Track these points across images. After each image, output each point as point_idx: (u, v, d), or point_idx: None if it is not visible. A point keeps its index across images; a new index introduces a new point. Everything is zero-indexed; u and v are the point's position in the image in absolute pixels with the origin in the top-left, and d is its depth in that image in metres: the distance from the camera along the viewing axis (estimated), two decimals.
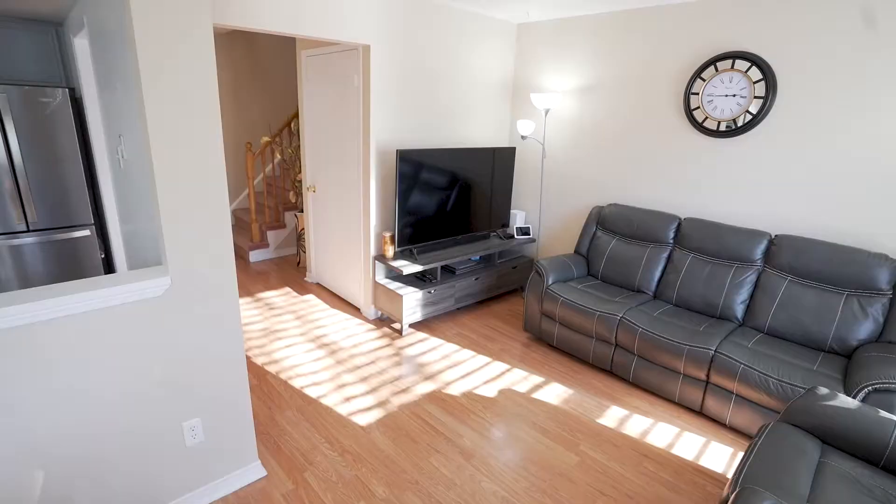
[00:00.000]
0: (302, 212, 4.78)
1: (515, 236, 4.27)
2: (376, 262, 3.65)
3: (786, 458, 1.71)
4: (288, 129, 5.19)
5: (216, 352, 1.89)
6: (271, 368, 3.03)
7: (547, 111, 4.03)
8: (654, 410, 2.77)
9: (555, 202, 4.28)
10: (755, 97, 2.99)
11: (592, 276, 3.60)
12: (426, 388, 2.89)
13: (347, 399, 2.75)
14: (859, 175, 2.73)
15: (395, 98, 3.48)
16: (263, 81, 5.88)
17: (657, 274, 3.29)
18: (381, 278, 3.71)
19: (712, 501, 2.14)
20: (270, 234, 5.10)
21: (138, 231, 2.44)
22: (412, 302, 3.48)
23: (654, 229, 3.36)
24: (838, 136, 2.77)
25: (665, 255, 3.30)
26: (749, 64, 2.98)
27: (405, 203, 3.48)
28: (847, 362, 2.48)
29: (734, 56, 3.03)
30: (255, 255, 5.04)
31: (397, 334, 3.55)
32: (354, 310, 3.94)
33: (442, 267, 3.89)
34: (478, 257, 4.10)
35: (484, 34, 3.95)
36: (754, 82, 2.98)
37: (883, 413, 1.83)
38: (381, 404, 2.72)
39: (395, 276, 3.77)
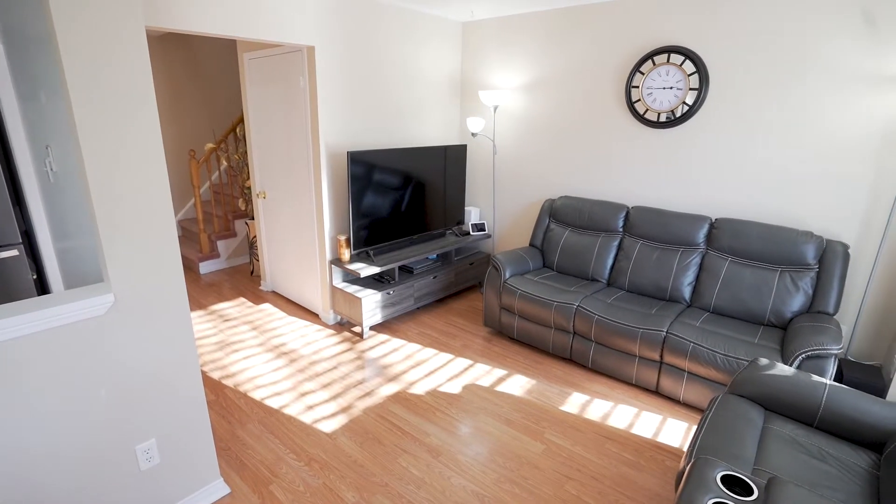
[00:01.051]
0: (253, 219, 4.64)
1: (471, 233, 4.31)
2: (332, 266, 3.59)
3: (734, 427, 1.82)
4: (233, 135, 5.02)
5: (169, 369, 1.81)
6: (229, 382, 2.93)
7: (496, 108, 4.09)
8: (614, 393, 2.88)
9: (508, 197, 4.35)
10: (690, 89, 3.15)
11: (548, 267, 3.68)
12: (390, 389, 2.88)
13: (310, 407, 2.70)
14: (785, 159, 2.93)
15: (344, 99, 3.43)
16: (204, 86, 5.66)
17: (609, 262, 3.41)
18: (339, 282, 3.65)
19: (671, 474, 2.25)
20: (220, 244, 4.92)
21: (75, 248, 2.30)
22: (371, 304, 3.45)
23: (604, 219, 3.48)
24: (765, 123, 2.96)
25: (616, 243, 3.43)
26: (683, 58, 3.14)
27: (359, 205, 3.44)
28: (783, 333, 2.66)
29: (669, 50, 3.18)
30: (205, 267, 4.85)
31: (358, 338, 3.51)
32: (313, 316, 3.87)
33: (399, 267, 3.87)
34: (435, 256, 4.11)
35: (430, 33, 3.96)
36: (688, 75, 3.14)
37: (815, 377, 1.98)
38: (345, 409, 2.68)
39: (353, 279, 3.72)
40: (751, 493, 1.40)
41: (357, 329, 3.65)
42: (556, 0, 3.44)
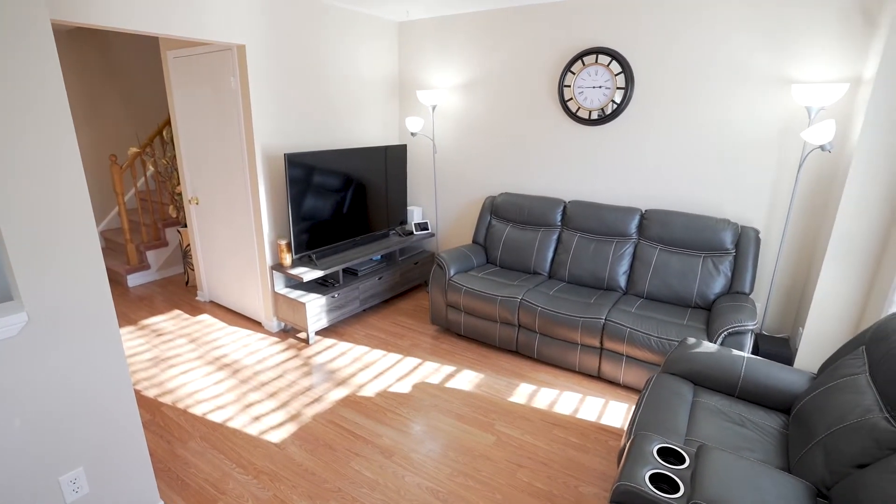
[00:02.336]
0: (185, 226, 4.40)
1: (414, 232, 4.32)
2: (274, 271, 3.48)
3: (667, 403, 1.95)
4: (160, 138, 4.74)
5: (96, 390, 1.69)
6: (166, 399, 2.77)
7: (434, 107, 4.12)
8: (559, 381, 2.99)
9: (450, 196, 4.40)
10: (618, 88, 3.32)
11: (491, 263, 3.76)
12: (339, 393, 2.84)
13: (257, 418, 2.61)
14: (704, 152, 3.16)
15: (279, 100, 3.34)
16: (124, 85, 5.29)
17: (549, 255, 3.54)
18: (281, 288, 3.55)
19: (614, 453, 2.37)
20: (150, 255, 4.63)
21: None
22: (316, 308, 3.38)
23: (542, 214, 3.60)
24: (685, 119, 3.18)
25: (555, 236, 3.56)
26: (610, 58, 3.30)
27: (299, 208, 3.36)
28: (708, 314, 2.87)
29: (597, 51, 3.34)
30: (134, 279, 4.54)
31: (304, 344, 3.43)
32: (255, 324, 3.73)
33: (344, 270, 3.82)
34: (379, 257, 4.09)
35: (366, 33, 3.93)
36: (615, 74, 3.31)
37: (735, 351, 2.16)
38: (293, 417, 2.62)
39: (296, 284, 3.63)
40: (683, 461, 1.51)
41: (302, 335, 3.56)
42: (489, 1, 3.52)
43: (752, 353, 2.73)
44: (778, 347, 2.90)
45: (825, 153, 2.81)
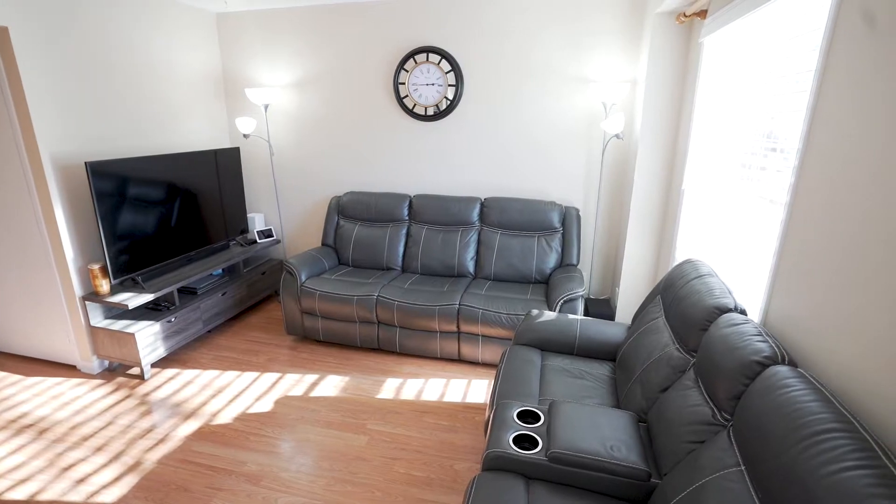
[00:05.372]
0: None
1: (258, 240, 4.03)
2: (87, 302, 2.94)
3: (521, 371, 2.15)
4: None
5: None
6: None
7: (267, 107, 3.88)
8: (423, 371, 3.08)
9: (293, 199, 4.20)
10: (449, 85, 3.51)
11: (344, 263, 3.70)
12: (189, 427, 2.53)
13: (81, 480, 2.19)
14: (529, 143, 3.53)
15: (73, 99, 2.80)
16: None
17: (401, 249, 3.61)
18: (100, 320, 3.01)
19: (481, 426, 2.54)
20: None
21: None
22: (149, 338, 2.95)
23: (389, 210, 3.65)
24: (509, 114, 3.51)
25: (404, 231, 3.64)
26: (440, 57, 3.48)
27: (113, 226, 2.88)
28: (546, 286, 3.23)
29: (427, 50, 3.49)
30: None
31: (138, 380, 2.97)
32: (67, 369, 3.11)
33: (179, 290, 3.40)
34: (220, 271, 3.72)
35: (180, 24, 3.51)
36: (446, 72, 3.49)
37: (570, 316, 2.47)
38: (133, 468, 2.25)
39: (120, 313, 3.12)
40: (539, 419, 1.69)
41: (135, 370, 3.07)
42: None
43: (584, 315, 3.16)
44: (602, 307, 3.40)
45: (620, 140, 3.36)
